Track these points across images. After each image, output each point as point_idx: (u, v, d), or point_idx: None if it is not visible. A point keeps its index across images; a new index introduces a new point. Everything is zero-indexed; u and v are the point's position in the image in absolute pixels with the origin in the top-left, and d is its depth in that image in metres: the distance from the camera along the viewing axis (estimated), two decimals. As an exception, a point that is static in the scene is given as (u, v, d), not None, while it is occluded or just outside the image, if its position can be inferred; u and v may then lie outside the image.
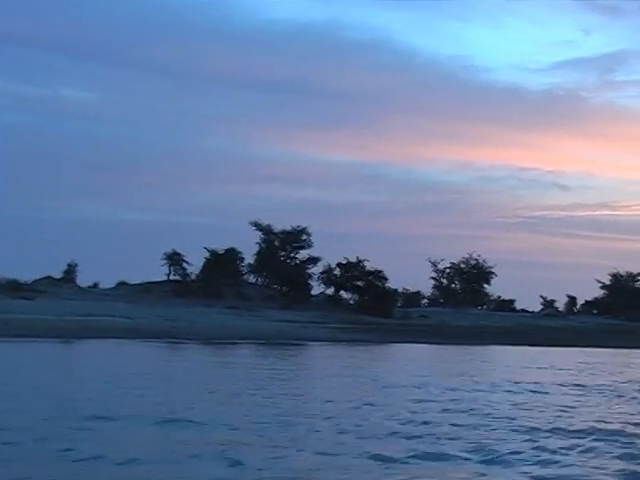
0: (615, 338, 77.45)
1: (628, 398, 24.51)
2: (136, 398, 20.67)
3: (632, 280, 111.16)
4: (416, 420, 18.04)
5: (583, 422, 18.31)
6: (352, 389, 25.42)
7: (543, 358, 48.66)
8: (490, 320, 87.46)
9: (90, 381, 25.22)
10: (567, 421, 18.54)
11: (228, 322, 63.87)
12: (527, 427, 17.33)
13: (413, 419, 18.21)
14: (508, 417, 18.89)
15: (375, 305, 78.59)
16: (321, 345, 56.69)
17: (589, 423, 18.15)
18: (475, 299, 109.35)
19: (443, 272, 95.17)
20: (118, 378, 25.96)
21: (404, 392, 24.54)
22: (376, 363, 40.22)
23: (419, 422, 17.73)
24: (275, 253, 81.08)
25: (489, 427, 17.23)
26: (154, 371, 29.90)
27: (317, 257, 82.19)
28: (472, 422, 17.84)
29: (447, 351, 56.73)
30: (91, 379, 25.79)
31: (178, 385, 25.13)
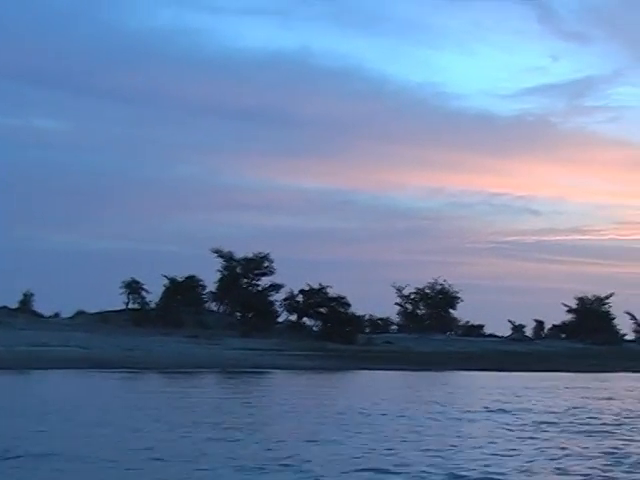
0: (580, 362, 77.18)
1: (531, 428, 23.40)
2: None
3: (599, 304, 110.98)
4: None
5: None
6: (280, 418, 24.60)
7: (496, 383, 48.10)
8: (455, 346, 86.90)
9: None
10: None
11: (185, 351, 62.77)
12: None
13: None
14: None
15: (338, 332, 77.76)
16: (280, 373, 55.77)
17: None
18: (442, 324, 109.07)
19: (408, 297, 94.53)
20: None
21: (334, 421, 23.76)
22: (325, 390, 39.28)
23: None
24: (237, 280, 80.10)
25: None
26: (64, 404, 28.02)
27: (279, 284, 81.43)
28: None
29: (408, 378, 56.00)
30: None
31: (74, 418, 23.60)
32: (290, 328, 79.93)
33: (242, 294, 78.13)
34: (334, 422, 23.36)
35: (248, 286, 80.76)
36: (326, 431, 21.15)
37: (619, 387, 46.80)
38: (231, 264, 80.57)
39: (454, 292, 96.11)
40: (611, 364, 76.34)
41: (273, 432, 20.86)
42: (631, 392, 41.83)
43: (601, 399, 35.18)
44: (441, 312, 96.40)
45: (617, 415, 27.78)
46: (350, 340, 77.83)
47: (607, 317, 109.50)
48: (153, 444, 18.08)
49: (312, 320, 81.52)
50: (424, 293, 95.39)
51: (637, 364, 77.72)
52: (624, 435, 21.71)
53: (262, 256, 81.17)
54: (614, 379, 58.89)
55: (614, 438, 21.01)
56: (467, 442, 19.58)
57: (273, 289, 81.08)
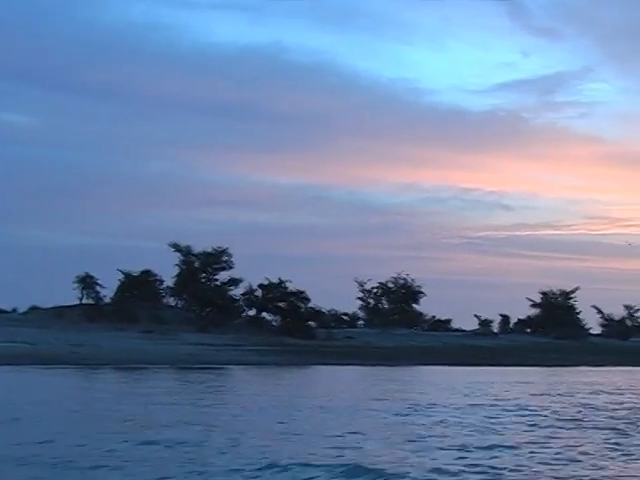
0: (541, 356, 76.82)
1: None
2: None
3: (565, 298, 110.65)
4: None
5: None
6: (203, 415, 23.54)
7: (446, 379, 47.35)
8: (417, 340, 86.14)
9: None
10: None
11: (137, 346, 61.51)
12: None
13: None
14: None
15: (297, 326, 76.72)
16: (235, 369, 54.83)
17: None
18: (408, 319, 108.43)
19: (370, 292, 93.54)
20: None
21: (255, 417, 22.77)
22: (268, 387, 38.26)
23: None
24: (195, 275, 78.81)
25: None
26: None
27: (238, 278, 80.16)
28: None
29: (364, 372, 55.26)
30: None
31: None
32: (248, 323, 78.77)
33: (200, 289, 76.82)
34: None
35: (207, 281, 79.46)
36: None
37: (562, 382, 45.92)
38: (189, 258, 79.23)
39: (417, 287, 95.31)
40: (572, 358, 76.03)
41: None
42: (570, 387, 40.94)
43: (534, 394, 34.31)
44: (404, 306, 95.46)
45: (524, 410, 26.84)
46: (310, 335, 76.89)
47: (572, 311, 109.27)
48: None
49: (271, 315, 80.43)
50: (386, 287, 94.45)
51: (598, 358, 77.44)
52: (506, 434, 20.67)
53: (221, 250, 79.90)
54: (566, 373, 58.22)
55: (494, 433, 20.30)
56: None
57: (232, 284, 79.82)
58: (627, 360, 77.67)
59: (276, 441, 18.01)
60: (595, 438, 19.78)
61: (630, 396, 33.40)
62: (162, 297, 79.89)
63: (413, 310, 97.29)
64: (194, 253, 79.84)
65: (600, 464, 15.86)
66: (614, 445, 18.56)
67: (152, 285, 78.13)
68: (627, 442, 19.06)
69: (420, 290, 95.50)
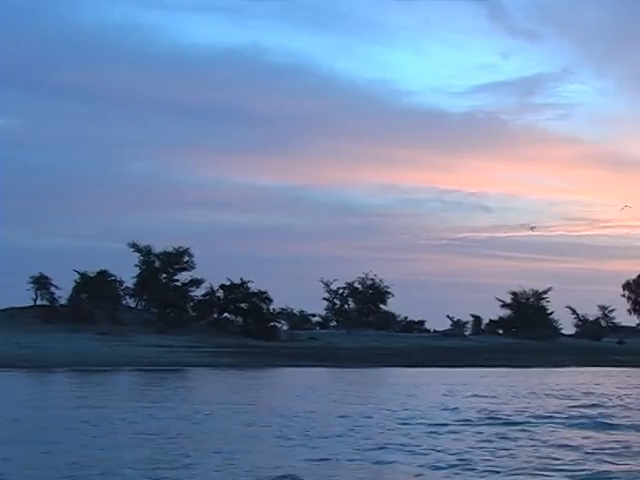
0: (508, 357, 75.74)
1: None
2: None
3: (537, 298, 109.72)
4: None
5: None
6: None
7: (398, 381, 46.22)
8: (382, 341, 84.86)
9: None
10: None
11: (89, 349, 60.10)
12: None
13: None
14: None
15: (259, 328, 75.34)
16: (189, 370, 53.56)
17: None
18: (380, 321, 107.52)
19: (336, 293, 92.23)
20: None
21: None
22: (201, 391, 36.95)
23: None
24: (155, 275, 77.30)
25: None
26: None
27: (200, 279, 78.75)
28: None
29: (320, 375, 54.08)
30: None
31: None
32: (210, 325, 77.36)
33: (160, 289, 75.32)
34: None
35: (167, 281, 77.96)
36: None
37: (511, 383, 44.69)
38: (149, 259, 77.70)
39: (385, 287, 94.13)
40: (539, 359, 74.99)
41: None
42: (515, 389, 39.75)
43: (467, 397, 33.06)
44: (371, 307, 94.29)
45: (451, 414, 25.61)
46: (271, 336, 75.52)
47: (543, 312, 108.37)
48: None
49: (233, 316, 78.93)
50: (353, 288, 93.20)
51: (564, 359, 76.56)
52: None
53: (182, 250, 78.46)
54: (518, 374, 57.00)
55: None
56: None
57: (193, 284, 78.38)
58: (594, 360, 76.74)
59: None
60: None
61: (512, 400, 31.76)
62: (121, 298, 78.30)
63: (381, 311, 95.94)
64: (154, 253, 78.34)
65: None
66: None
67: (110, 286, 76.53)
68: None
69: (388, 291, 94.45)
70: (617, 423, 23.00)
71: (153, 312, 76.67)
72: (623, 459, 16.62)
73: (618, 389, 38.79)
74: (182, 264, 78.26)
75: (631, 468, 15.48)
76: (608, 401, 30.98)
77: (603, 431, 21.19)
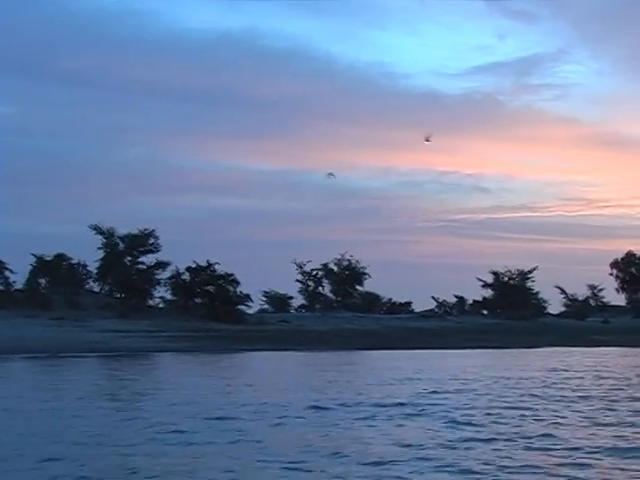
0: (483, 338, 73.74)
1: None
2: None
3: (522, 278, 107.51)
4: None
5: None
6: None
7: (354, 364, 44.08)
8: (357, 324, 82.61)
9: None
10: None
11: (43, 334, 57.90)
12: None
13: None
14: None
15: (226, 311, 72.97)
16: (149, 356, 51.64)
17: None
18: (367, 303, 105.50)
19: (309, 274, 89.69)
20: None
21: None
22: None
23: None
24: (119, 258, 74.85)
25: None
26: None
27: (166, 261, 76.26)
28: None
29: (277, 358, 52.25)
30: None
31: None
32: (175, 308, 74.97)
33: (123, 272, 72.88)
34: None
35: (132, 264, 75.54)
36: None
37: (463, 365, 42.55)
38: (112, 241, 75.22)
39: (361, 268, 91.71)
40: (514, 340, 72.96)
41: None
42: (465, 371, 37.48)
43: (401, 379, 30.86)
44: (347, 289, 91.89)
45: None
46: (239, 320, 73.20)
47: (527, 292, 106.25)
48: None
49: (199, 299, 76.48)
50: (328, 269, 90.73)
51: (541, 339, 74.65)
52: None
53: (147, 233, 75.98)
54: (483, 355, 55.04)
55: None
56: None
57: (159, 267, 75.97)
58: (572, 340, 74.89)
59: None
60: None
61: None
62: (84, 282, 75.87)
63: (355, 292, 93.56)
64: (119, 235, 75.89)
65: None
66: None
67: (73, 270, 74.12)
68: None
69: (365, 272, 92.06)
70: (416, 413, 20.75)
71: (116, 296, 74.25)
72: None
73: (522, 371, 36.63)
74: (147, 246, 75.83)
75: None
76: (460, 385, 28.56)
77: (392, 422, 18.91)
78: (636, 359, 48.78)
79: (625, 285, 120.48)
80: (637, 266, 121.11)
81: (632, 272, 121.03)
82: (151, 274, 75.22)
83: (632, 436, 16.55)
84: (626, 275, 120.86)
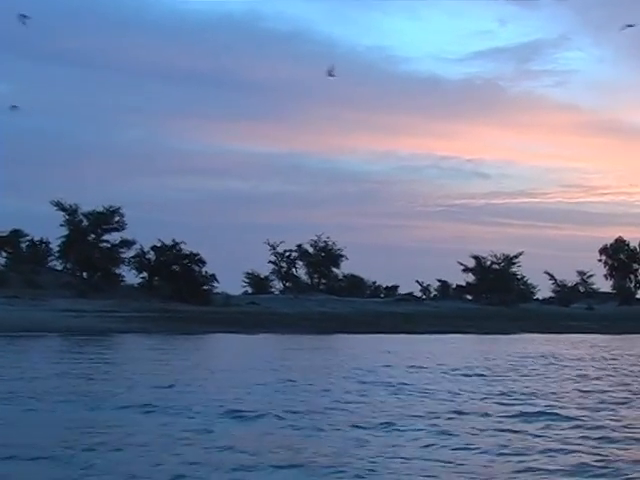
0: (459, 324, 71.86)
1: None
2: None
3: (508, 263, 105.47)
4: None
5: None
6: None
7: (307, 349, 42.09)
8: (329, 307, 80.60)
9: None
10: None
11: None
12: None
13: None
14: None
15: (191, 292, 70.83)
16: (104, 338, 49.43)
17: None
18: (351, 286, 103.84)
19: (282, 255, 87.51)
20: None
21: None
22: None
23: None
24: (83, 236, 72.67)
25: None
26: None
27: (131, 240, 74.12)
28: None
29: (230, 341, 50.36)
30: None
31: None
32: (139, 288, 72.90)
33: (84, 250, 70.71)
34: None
35: (96, 242, 73.38)
36: None
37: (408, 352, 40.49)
38: (75, 218, 73.04)
39: (338, 250, 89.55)
40: (489, 326, 70.95)
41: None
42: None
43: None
44: (323, 271, 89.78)
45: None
46: (204, 301, 71.09)
47: (511, 277, 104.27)
48: None
49: (164, 279, 74.35)
50: (303, 251, 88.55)
51: (515, 325, 72.63)
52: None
53: (113, 210, 73.82)
54: (437, 341, 53.04)
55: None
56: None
57: (123, 246, 73.86)
58: (550, 327, 72.93)
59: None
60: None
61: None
62: (45, 260, 73.75)
63: (331, 274, 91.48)
64: (83, 212, 73.74)
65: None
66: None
67: (32, 247, 72.03)
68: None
69: (341, 254, 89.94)
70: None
71: (76, 275, 72.16)
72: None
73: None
74: (112, 224, 73.69)
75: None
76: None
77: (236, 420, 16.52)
78: (597, 347, 46.66)
79: (614, 272, 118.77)
80: (626, 253, 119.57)
81: (621, 258, 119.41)
82: (115, 252, 73.05)
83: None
84: (615, 262, 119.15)
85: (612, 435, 14.44)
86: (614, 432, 14.76)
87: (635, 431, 14.87)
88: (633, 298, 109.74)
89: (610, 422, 15.95)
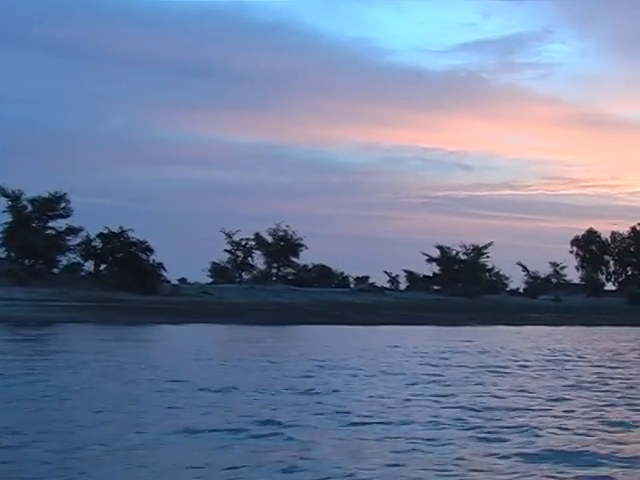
0: (417, 315, 70.19)
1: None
2: None
3: (478, 254, 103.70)
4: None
5: None
6: None
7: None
8: (285, 297, 78.37)
9: None
10: None
11: None
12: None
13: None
14: None
15: (138, 280, 68.45)
16: (36, 326, 46.86)
17: None
18: (321, 277, 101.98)
19: (239, 244, 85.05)
20: None
21: None
22: None
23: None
24: (26, 222, 70.11)
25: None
26: None
27: (77, 227, 71.58)
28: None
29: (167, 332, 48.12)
30: None
31: None
32: (85, 276, 70.46)
33: (26, 237, 68.14)
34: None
35: (40, 229, 70.84)
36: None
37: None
38: (18, 204, 70.50)
39: (297, 239, 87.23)
40: (441, 317, 69.99)
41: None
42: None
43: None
44: (283, 260, 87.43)
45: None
46: (152, 290, 68.73)
47: (478, 268, 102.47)
48: None
49: (110, 267, 71.94)
50: (261, 240, 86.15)
51: (472, 317, 70.99)
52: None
53: (58, 196, 71.29)
54: (378, 331, 51.19)
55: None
56: None
57: (69, 233, 71.37)
58: (506, 319, 71.19)
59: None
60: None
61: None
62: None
63: (291, 264, 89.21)
64: (27, 198, 71.17)
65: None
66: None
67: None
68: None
69: (301, 243, 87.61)
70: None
71: (17, 262, 69.57)
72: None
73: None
74: (58, 211, 71.19)
75: None
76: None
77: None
78: (537, 339, 44.80)
79: (585, 263, 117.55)
80: (598, 244, 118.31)
81: (592, 250, 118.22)
82: (60, 240, 70.58)
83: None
84: (586, 253, 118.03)
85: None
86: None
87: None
88: (601, 290, 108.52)
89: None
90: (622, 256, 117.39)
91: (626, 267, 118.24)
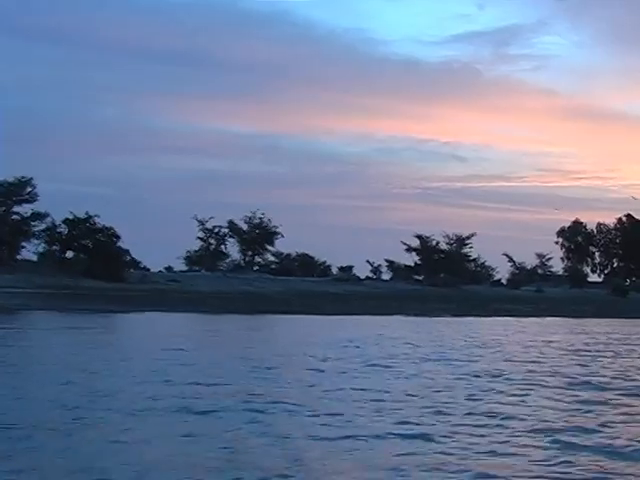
0: (389, 305, 68.98)
1: None
2: None
3: (460, 244, 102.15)
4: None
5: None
6: None
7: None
8: (256, 286, 76.81)
9: None
10: None
11: None
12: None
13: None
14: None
15: (104, 267, 66.88)
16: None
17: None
18: (304, 266, 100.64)
19: (211, 231, 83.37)
20: None
21: None
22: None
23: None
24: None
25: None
26: None
27: (43, 212, 69.97)
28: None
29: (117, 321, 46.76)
30: None
31: None
32: (50, 263, 68.85)
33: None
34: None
35: (6, 214, 69.25)
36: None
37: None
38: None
39: (273, 227, 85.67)
40: (414, 307, 68.72)
41: None
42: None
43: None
44: (257, 249, 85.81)
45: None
46: (118, 277, 67.26)
47: (462, 258, 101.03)
48: None
49: (76, 254, 70.41)
50: (235, 228, 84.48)
51: (444, 308, 69.87)
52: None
53: (24, 181, 69.68)
54: (347, 322, 49.80)
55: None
56: None
57: (35, 219, 69.81)
58: (478, 310, 69.96)
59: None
60: None
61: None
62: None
63: (266, 252, 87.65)
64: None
65: None
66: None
67: None
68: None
69: (277, 231, 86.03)
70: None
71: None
72: None
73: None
74: (23, 196, 69.60)
75: None
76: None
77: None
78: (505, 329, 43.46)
79: (570, 254, 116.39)
80: (583, 235, 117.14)
81: (578, 241, 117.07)
82: (24, 225, 69.04)
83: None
84: (572, 244, 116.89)
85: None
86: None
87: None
88: (585, 281, 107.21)
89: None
90: (608, 248, 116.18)
91: (612, 259, 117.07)
